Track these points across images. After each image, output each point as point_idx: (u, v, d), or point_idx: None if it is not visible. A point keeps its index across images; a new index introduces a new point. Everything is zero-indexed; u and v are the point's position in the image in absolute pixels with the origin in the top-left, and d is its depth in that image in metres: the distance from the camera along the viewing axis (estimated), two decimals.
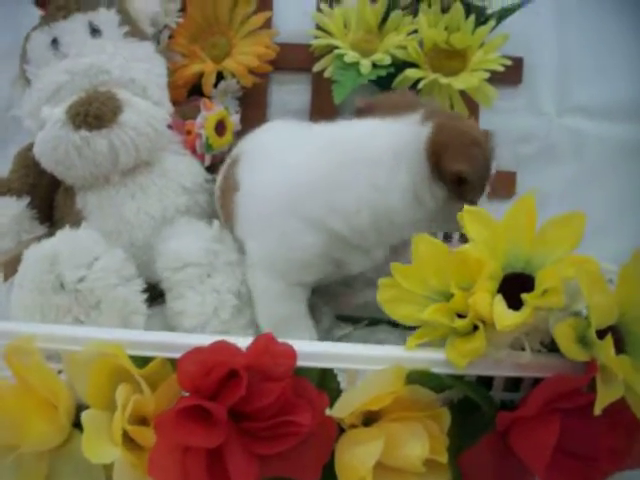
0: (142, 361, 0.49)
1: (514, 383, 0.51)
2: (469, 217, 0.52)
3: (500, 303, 0.48)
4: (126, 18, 0.73)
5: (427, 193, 0.59)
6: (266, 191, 0.63)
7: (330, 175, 0.60)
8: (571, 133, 0.90)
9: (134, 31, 0.74)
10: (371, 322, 0.73)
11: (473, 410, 0.49)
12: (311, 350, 0.49)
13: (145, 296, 0.65)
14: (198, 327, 0.64)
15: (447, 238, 0.82)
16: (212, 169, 0.79)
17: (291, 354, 0.48)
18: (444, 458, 0.47)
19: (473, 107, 0.85)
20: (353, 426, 0.49)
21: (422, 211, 0.60)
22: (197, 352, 0.46)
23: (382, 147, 0.59)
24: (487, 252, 0.50)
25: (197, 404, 0.46)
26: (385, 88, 0.82)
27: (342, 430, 0.49)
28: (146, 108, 0.69)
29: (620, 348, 0.47)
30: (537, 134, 0.92)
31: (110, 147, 0.67)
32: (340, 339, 0.70)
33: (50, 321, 0.59)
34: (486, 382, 0.51)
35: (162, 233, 0.71)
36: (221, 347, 0.47)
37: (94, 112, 0.65)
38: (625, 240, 0.91)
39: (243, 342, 0.47)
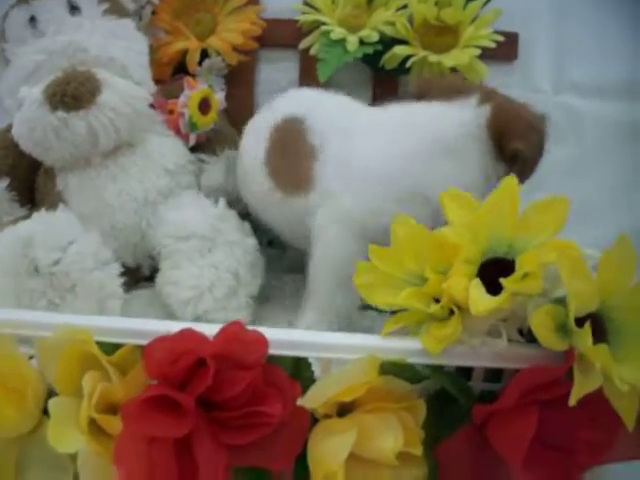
0: (113, 347, 0.49)
1: (495, 373, 0.49)
2: (450, 200, 0.50)
3: (476, 287, 0.46)
4: None
5: (492, 170, 0.64)
6: (363, 162, 0.64)
7: (417, 157, 0.63)
8: (567, 111, 0.87)
9: (114, 8, 0.72)
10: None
11: (450, 402, 0.48)
12: (283, 338, 0.48)
13: (122, 280, 0.64)
14: (191, 300, 0.64)
15: None
16: (197, 148, 0.77)
17: (262, 342, 0.47)
18: (419, 451, 0.46)
19: None
20: (327, 416, 0.48)
21: (487, 188, 0.61)
22: (164, 340, 0.46)
23: (453, 129, 0.64)
24: (468, 236, 0.49)
25: (165, 393, 0.45)
26: (373, 65, 0.80)
27: (316, 420, 0.48)
28: (126, 88, 0.68)
29: (601, 337, 0.46)
30: None
31: (89, 128, 0.65)
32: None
33: (25, 305, 0.58)
34: (466, 372, 0.49)
35: (169, 202, 0.71)
36: (188, 335, 0.46)
37: (71, 92, 0.63)
38: (620, 220, 0.89)
39: (211, 329, 0.46)
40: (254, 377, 0.45)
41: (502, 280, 0.45)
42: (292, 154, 0.67)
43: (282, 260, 0.82)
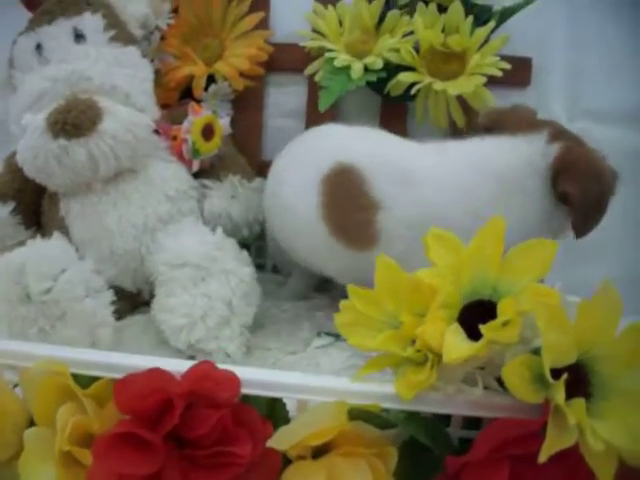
0: (92, 380, 0.49)
1: (476, 421, 0.48)
2: (434, 241, 0.49)
3: (453, 333, 0.45)
4: (112, 22, 0.73)
5: (553, 213, 0.65)
6: (427, 209, 0.63)
7: (481, 198, 0.63)
8: (583, 138, 0.84)
9: (120, 35, 0.73)
10: None
11: (425, 449, 0.47)
12: (256, 378, 0.47)
13: (117, 306, 0.65)
14: (184, 328, 0.64)
15: None
16: (201, 174, 0.77)
17: (234, 381, 0.47)
18: None
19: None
20: (301, 458, 0.48)
21: (548, 231, 0.65)
22: (133, 377, 0.46)
23: (519, 164, 0.64)
24: (450, 277, 0.47)
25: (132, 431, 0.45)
26: (379, 91, 0.79)
27: (290, 461, 0.48)
28: (127, 115, 0.68)
29: (583, 389, 0.44)
30: None
31: (89, 156, 0.66)
32: (317, 348, 0.68)
33: (16, 332, 0.59)
34: (445, 419, 0.48)
35: (168, 229, 0.71)
36: (156, 374, 0.46)
37: (72, 120, 0.65)
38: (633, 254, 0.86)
39: (181, 366, 0.46)
40: (223, 416, 0.45)
41: (481, 327, 0.44)
42: (353, 209, 0.65)
43: (284, 286, 0.82)
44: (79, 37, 0.71)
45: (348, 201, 0.65)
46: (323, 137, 0.71)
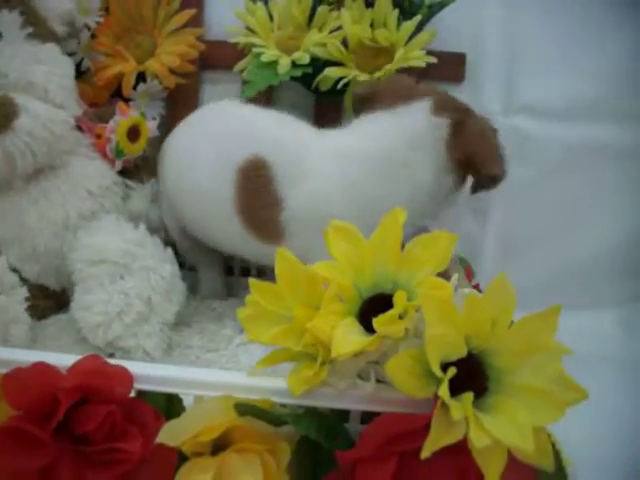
0: None
1: (376, 416, 0.47)
2: (334, 234, 0.49)
3: (345, 327, 0.44)
4: (31, 19, 0.71)
5: (443, 181, 0.66)
6: (325, 207, 0.64)
7: (359, 184, 0.64)
8: (517, 134, 0.85)
9: (38, 32, 0.72)
10: None
11: (321, 446, 0.46)
12: (149, 373, 0.46)
13: (28, 305, 0.64)
14: (102, 325, 0.63)
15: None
16: (124, 174, 0.77)
17: (126, 377, 0.46)
18: None
19: None
20: (199, 454, 0.47)
21: (435, 200, 0.67)
22: (19, 372, 0.45)
23: (403, 144, 0.64)
24: (351, 271, 0.47)
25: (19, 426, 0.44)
26: (307, 86, 0.78)
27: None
28: (44, 112, 0.67)
29: (480, 383, 0.43)
30: None
31: (5, 153, 0.65)
32: (239, 346, 0.68)
33: None
34: (344, 414, 0.47)
35: (89, 226, 0.70)
36: (42, 368, 0.45)
37: None
38: (576, 248, 0.86)
39: (67, 361, 0.45)
40: (112, 412, 0.44)
41: (374, 320, 0.43)
42: (262, 205, 0.66)
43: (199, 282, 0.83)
44: None
45: (258, 198, 0.66)
46: (235, 120, 0.70)
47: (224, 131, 0.69)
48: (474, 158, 0.64)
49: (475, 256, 0.84)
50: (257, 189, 0.65)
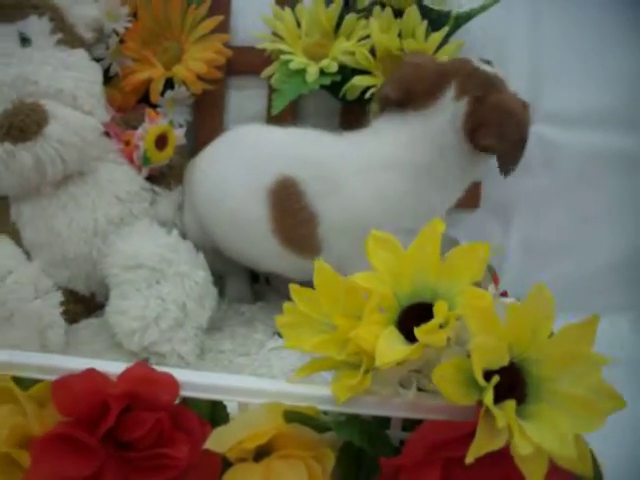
0: (33, 382, 0.49)
1: (417, 423, 0.48)
2: (374, 244, 0.49)
3: (388, 337, 0.45)
4: (59, 25, 0.72)
5: (468, 167, 0.67)
6: (359, 217, 0.66)
7: (387, 191, 0.66)
8: (541, 141, 0.85)
9: (67, 38, 0.73)
10: None
11: (364, 452, 0.47)
12: (194, 381, 0.47)
13: (63, 309, 0.65)
14: (138, 331, 0.64)
15: None
16: (151, 180, 0.77)
17: (172, 384, 0.47)
18: None
19: None
20: (242, 460, 0.48)
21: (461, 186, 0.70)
22: (69, 379, 0.46)
23: (432, 152, 0.66)
24: (391, 281, 0.48)
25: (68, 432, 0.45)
26: (335, 94, 0.79)
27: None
28: (74, 118, 0.68)
29: (520, 392, 0.44)
30: None
31: (35, 160, 0.66)
32: (271, 350, 0.69)
33: None
34: (386, 421, 0.48)
35: (122, 231, 0.71)
36: (92, 375, 0.46)
37: (18, 124, 0.64)
38: (594, 253, 0.87)
39: (117, 368, 0.46)
40: (160, 419, 0.45)
41: (415, 330, 0.44)
42: (297, 222, 0.67)
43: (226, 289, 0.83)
44: (25, 41, 0.70)
45: (292, 216, 0.67)
46: (259, 143, 0.72)
47: (250, 156, 0.71)
48: (478, 129, 0.64)
49: (499, 263, 0.85)
50: (290, 208, 0.67)
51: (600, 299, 0.87)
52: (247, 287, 0.83)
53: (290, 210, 0.67)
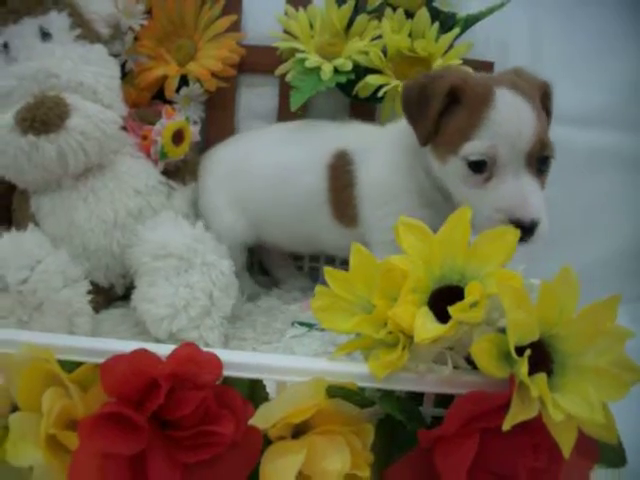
0: (76, 365, 0.50)
1: (448, 399, 0.50)
2: (404, 229, 0.52)
3: (423, 316, 0.47)
4: (78, 21, 0.74)
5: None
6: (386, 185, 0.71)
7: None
8: None
9: (86, 34, 0.75)
10: None
11: (400, 426, 0.49)
12: (236, 360, 0.49)
13: (93, 298, 0.66)
14: (166, 318, 0.65)
15: None
16: (166, 175, 0.79)
17: (216, 364, 0.48)
18: (366, 473, 0.47)
19: None
20: (281, 438, 0.49)
21: None
22: (118, 359, 0.47)
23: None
24: (421, 264, 0.50)
25: (117, 411, 0.46)
26: (348, 93, 0.81)
27: (270, 442, 0.49)
28: (95, 112, 0.70)
29: (546, 365, 0.47)
30: None
31: (58, 152, 0.67)
32: (292, 338, 0.71)
33: None
34: (418, 397, 0.50)
35: (145, 223, 0.73)
36: (142, 355, 0.47)
37: (41, 117, 0.66)
38: (589, 248, 0.90)
39: (166, 350, 0.47)
40: (206, 397, 0.46)
41: (449, 308, 0.47)
42: (346, 194, 0.73)
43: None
44: (45, 35, 0.72)
45: (343, 187, 0.74)
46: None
47: (300, 136, 0.78)
48: None
49: None
50: (343, 184, 0.73)
51: (599, 291, 0.90)
52: (254, 285, 0.86)
53: (343, 183, 0.73)
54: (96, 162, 0.72)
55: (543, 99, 0.67)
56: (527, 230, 0.62)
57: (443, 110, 0.62)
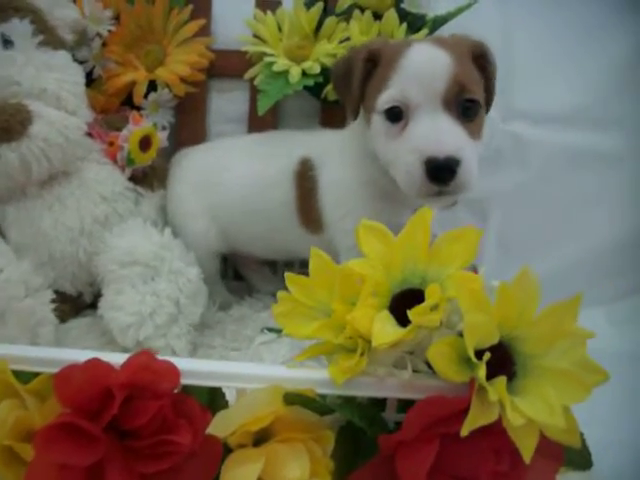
0: (33, 376, 0.49)
1: (411, 405, 0.49)
2: (364, 232, 0.51)
3: (382, 320, 0.47)
4: (41, 27, 0.73)
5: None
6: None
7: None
8: (515, 139, 0.89)
9: (50, 40, 0.74)
10: None
11: (362, 433, 0.48)
12: (193, 368, 0.48)
13: (56, 307, 0.65)
14: (133, 326, 0.65)
15: None
16: (134, 181, 0.78)
17: (173, 372, 0.48)
18: None
19: None
20: (242, 446, 0.49)
21: None
22: (72, 369, 0.46)
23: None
24: (381, 268, 0.49)
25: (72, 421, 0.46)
26: (317, 96, 0.81)
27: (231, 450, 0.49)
28: (58, 118, 0.69)
29: (509, 368, 0.47)
30: None
31: (21, 159, 0.66)
32: (261, 345, 0.70)
33: None
34: (380, 403, 0.49)
35: (113, 230, 0.72)
36: (95, 365, 0.46)
37: (2, 125, 0.65)
38: (568, 248, 0.90)
39: (120, 359, 0.46)
40: (162, 406, 0.45)
41: (408, 312, 0.46)
42: (310, 200, 0.74)
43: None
44: (7, 43, 0.71)
45: (308, 194, 0.74)
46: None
47: (269, 148, 0.78)
48: None
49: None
50: (308, 191, 0.74)
51: (572, 293, 0.90)
52: (227, 294, 0.86)
53: (308, 191, 0.73)
54: (60, 169, 0.71)
55: (478, 59, 0.65)
56: (446, 171, 0.59)
57: (366, 77, 0.63)
